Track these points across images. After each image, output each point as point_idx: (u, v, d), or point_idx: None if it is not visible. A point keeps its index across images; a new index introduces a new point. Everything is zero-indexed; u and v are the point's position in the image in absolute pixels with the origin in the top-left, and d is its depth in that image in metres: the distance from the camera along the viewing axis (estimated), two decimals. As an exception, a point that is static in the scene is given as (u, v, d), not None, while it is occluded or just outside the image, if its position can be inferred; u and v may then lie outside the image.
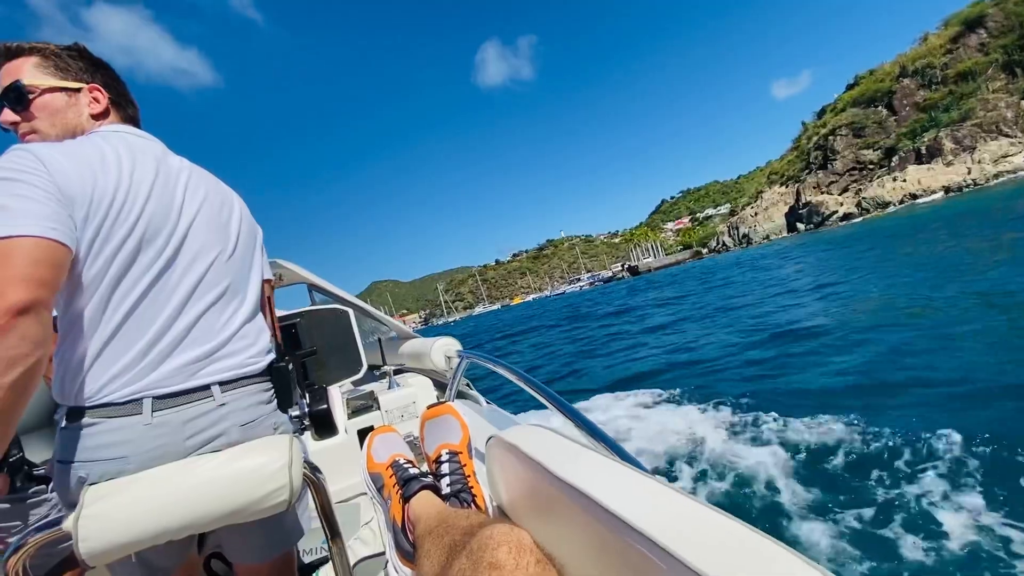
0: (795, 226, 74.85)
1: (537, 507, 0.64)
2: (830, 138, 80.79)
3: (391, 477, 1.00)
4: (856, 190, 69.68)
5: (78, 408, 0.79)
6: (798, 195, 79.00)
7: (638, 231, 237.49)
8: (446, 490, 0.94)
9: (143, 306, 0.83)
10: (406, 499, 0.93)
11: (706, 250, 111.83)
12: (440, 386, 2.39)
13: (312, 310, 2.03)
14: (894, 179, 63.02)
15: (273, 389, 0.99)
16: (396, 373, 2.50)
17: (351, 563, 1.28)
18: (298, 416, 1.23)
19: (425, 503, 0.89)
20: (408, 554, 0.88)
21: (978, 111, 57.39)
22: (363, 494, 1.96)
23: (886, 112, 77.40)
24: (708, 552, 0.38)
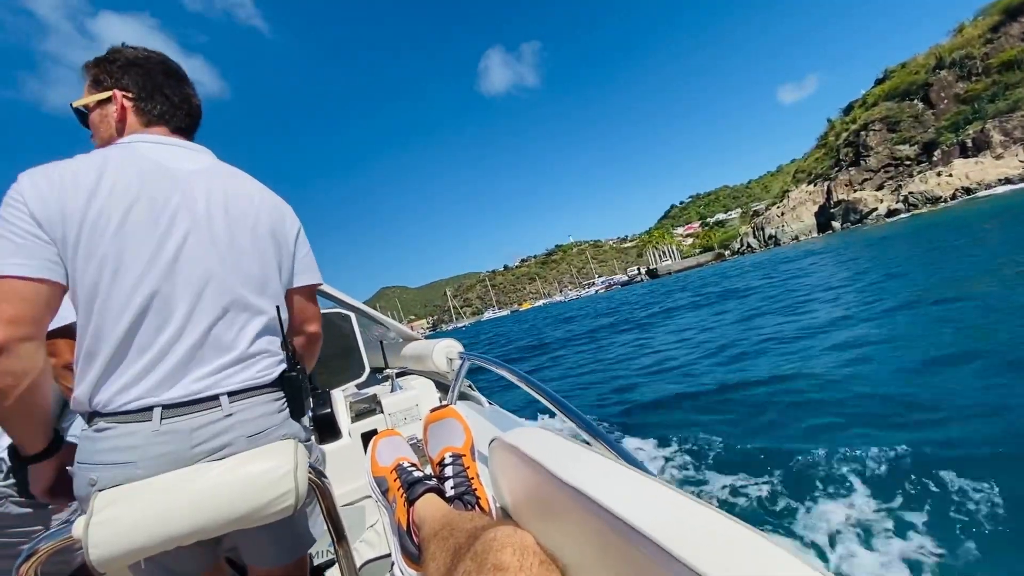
0: (828, 225, 70.94)
1: (540, 509, 0.64)
2: (862, 134, 77.19)
3: (395, 480, 1.02)
4: (895, 187, 65.85)
5: (94, 413, 0.84)
6: (829, 193, 75.50)
7: (656, 233, 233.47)
8: (450, 493, 0.95)
9: (148, 319, 0.85)
10: (411, 502, 0.94)
11: (728, 252, 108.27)
12: (442, 388, 2.42)
13: None
14: (938, 174, 59.16)
15: (284, 399, 0.99)
16: (399, 376, 2.53)
17: (357, 565, 1.29)
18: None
19: (429, 506, 0.90)
20: (413, 556, 0.89)
21: (1029, 101, 53.61)
22: (368, 497, 1.99)
23: (922, 105, 73.61)
24: (710, 553, 0.38)
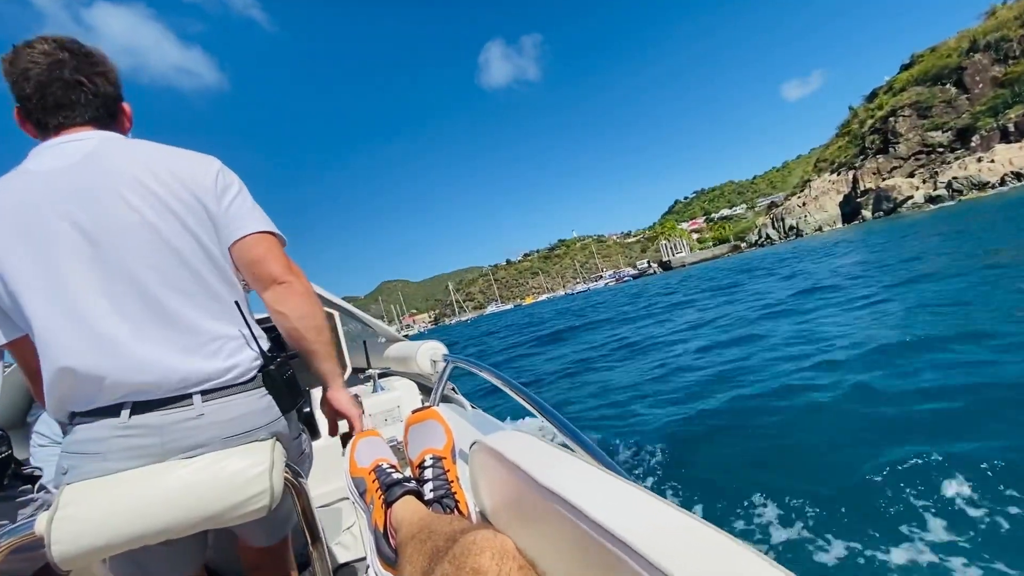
0: (855, 215, 67.54)
1: (520, 513, 0.64)
2: (890, 120, 73.38)
3: (374, 482, 1.00)
4: (928, 174, 62.24)
5: (71, 412, 0.86)
6: (855, 182, 71.95)
7: (667, 225, 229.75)
8: (429, 495, 0.94)
9: (69, 323, 0.83)
10: (388, 504, 0.93)
11: (744, 244, 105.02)
12: (425, 390, 2.37)
13: None
14: (979, 159, 55.52)
15: (269, 396, 0.96)
16: (381, 376, 2.48)
17: (331, 568, 1.27)
18: None
19: (408, 508, 0.89)
20: (390, 559, 0.87)
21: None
22: (345, 499, 1.96)
23: (955, 90, 69.67)
24: (686, 559, 0.39)
